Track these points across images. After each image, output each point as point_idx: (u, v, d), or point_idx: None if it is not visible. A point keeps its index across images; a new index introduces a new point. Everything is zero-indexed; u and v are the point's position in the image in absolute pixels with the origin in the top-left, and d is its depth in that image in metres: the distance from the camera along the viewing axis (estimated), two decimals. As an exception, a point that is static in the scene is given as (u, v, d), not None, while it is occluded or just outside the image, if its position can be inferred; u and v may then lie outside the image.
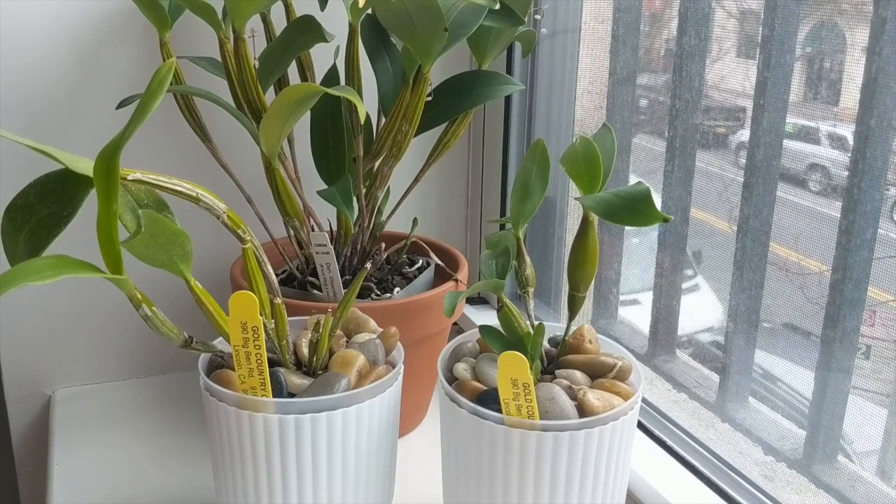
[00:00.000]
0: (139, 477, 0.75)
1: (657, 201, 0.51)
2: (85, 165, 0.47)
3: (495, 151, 0.96)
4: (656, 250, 0.80)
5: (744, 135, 0.70)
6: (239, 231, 0.54)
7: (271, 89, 0.71)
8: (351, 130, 0.74)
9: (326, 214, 0.78)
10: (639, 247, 0.89)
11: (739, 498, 0.65)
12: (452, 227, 1.04)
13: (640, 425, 0.74)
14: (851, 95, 0.59)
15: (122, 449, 0.79)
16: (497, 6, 0.64)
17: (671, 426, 0.74)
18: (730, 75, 0.73)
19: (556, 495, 0.54)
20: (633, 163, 0.84)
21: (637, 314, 0.88)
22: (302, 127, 0.73)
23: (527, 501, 0.55)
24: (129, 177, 0.48)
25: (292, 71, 0.76)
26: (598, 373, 0.58)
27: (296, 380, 0.58)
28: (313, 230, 0.75)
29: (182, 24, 0.75)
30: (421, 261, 0.84)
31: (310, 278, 0.77)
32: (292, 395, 0.57)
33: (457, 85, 0.73)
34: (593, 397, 0.54)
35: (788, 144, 0.66)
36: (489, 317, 0.97)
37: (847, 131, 0.61)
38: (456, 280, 0.79)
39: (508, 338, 0.59)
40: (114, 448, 0.80)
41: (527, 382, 0.52)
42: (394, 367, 0.61)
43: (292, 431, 0.55)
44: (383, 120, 0.74)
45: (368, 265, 0.62)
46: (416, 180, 0.79)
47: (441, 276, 0.83)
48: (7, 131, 0.48)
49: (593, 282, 0.61)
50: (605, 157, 0.57)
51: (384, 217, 0.80)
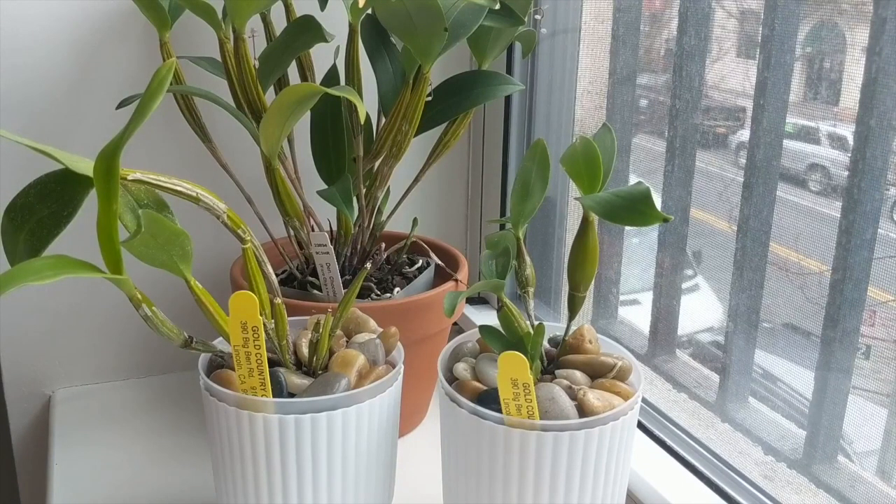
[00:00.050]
0: (139, 477, 0.75)
1: (657, 201, 0.51)
2: (85, 165, 0.47)
3: (495, 151, 0.96)
4: (656, 250, 0.80)
5: (744, 135, 0.70)
6: (239, 231, 0.54)
7: (271, 89, 0.71)
8: (351, 130, 0.74)
9: (326, 214, 0.78)
10: (639, 247, 0.89)
11: (739, 498, 0.65)
12: (452, 227, 1.04)
13: (640, 425, 0.74)
14: (851, 95, 0.59)
15: (122, 449, 0.79)
16: (497, 6, 0.64)
17: (671, 426, 0.74)
18: (730, 75, 0.73)
19: (556, 495, 0.54)
20: (633, 163, 0.84)
21: (637, 314, 0.88)
22: (302, 127, 0.73)
23: (527, 501, 0.55)
24: (129, 177, 0.48)
25: (292, 71, 0.76)
26: (598, 373, 0.58)
27: (296, 380, 0.58)
28: (313, 230, 0.75)
29: (182, 24, 0.75)
30: (421, 261, 0.84)
31: (310, 278, 0.77)
32: (292, 395, 0.57)
33: (457, 85, 0.73)
34: (593, 397, 0.54)
35: (788, 144, 0.66)
36: (489, 317, 0.97)
37: (847, 131, 0.61)
38: (456, 280, 0.79)
39: (508, 338, 0.59)
40: (114, 448, 0.80)
41: (527, 382, 0.52)
42: (394, 367, 0.61)
43: (292, 431, 0.55)
44: (383, 120, 0.74)
45: (368, 265, 0.62)
46: (416, 180, 0.79)
47: (441, 276, 0.83)
48: (7, 131, 0.48)
49: (593, 282, 0.61)
50: (605, 157, 0.57)
51: (384, 217, 0.80)
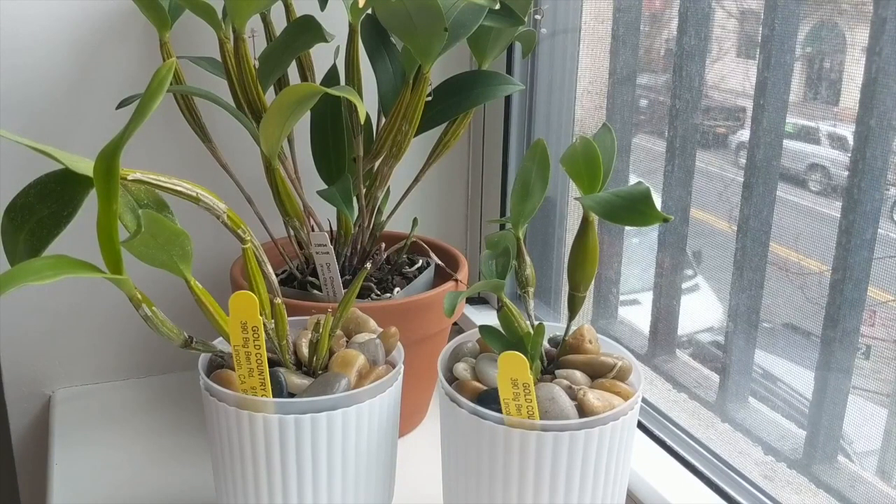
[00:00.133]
0: (139, 477, 0.75)
1: (657, 201, 0.51)
2: (85, 165, 0.47)
3: (495, 151, 0.96)
4: (656, 250, 0.80)
5: (744, 135, 0.70)
6: (239, 231, 0.54)
7: (271, 89, 0.71)
8: (351, 130, 0.74)
9: (326, 214, 0.78)
10: (639, 247, 0.89)
11: (739, 498, 0.65)
12: (452, 227, 1.04)
13: (640, 425, 0.74)
14: (851, 95, 0.59)
15: (122, 449, 0.79)
16: (497, 6, 0.64)
17: (671, 426, 0.74)
18: (730, 75, 0.73)
19: (556, 495, 0.54)
20: (633, 163, 0.84)
21: (637, 314, 0.88)
22: (302, 127, 0.73)
23: (527, 501, 0.55)
24: (129, 177, 0.48)
25: (292, 71, 0.76)
26: (598, 373, 0.58)
27: (296, 380, 0.58)
28: (313, 230, 0.75)
29: (182, 24, 0.75)
30: (421, 261, 0.84)
31: (310, 278, 0.77)
32: (292, 395, 0.57)
33: (457, 85, 0.73)
34: (593, 397, 0.54)
35: (788, 144, 0.66)
36: (489, 317, 0.97)
37: (847, 131, 0.61)
38: (456, 280, 0.79)
39: (508, 338, 0.59)
40: (114, 448, 0.80)
41: (527, 382, 0.52)
42: (394, 367, 0.61)
43: (292, 431, 0.55)
44: (383, 120, 0.74)
45: (368, 265, 0.62)
46: (416, 180, 0.79)
47: (441, 276, 0.83)
48: (7, 131, 0.48)
49: (593, 282, 0.61)
50: (605, 157, 0.57)
51: (384, 217, 0.80)
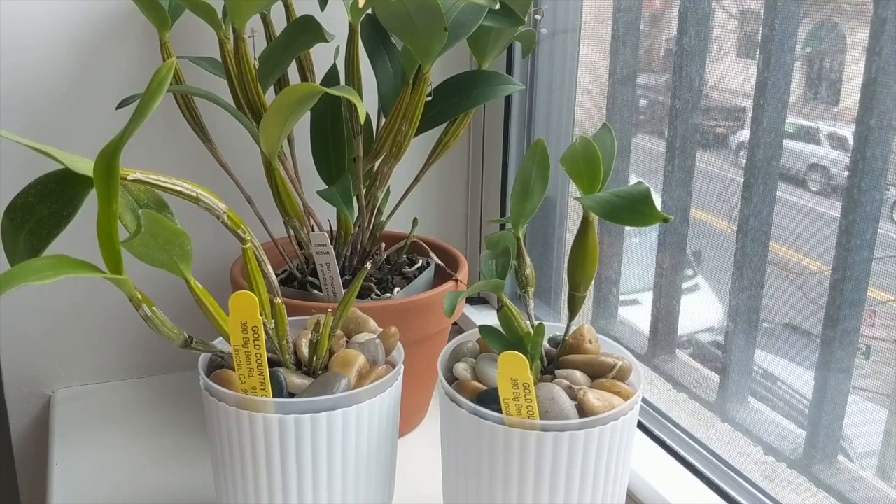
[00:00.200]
0: (139, 477, 0.75)
1: (657, 201, 0.51)
2: (85, 165, 0.47)
3: (495, 151, 0.96)
4: (656, 250, 0.80)
5: (744, 135, 0.70)
6: (239, 231, 0.54)
7: (271, 89, 0.71)
8: (351, 130, 0.74)
9: (326, 214, 0.78)
10: (639, 247, 0.89)
11: (739, 498, 0.65)
12: (452, 227, 1.04)
13: (640, 425, 0.74)
14: (851, 95, 0.59)
15: (122, 449, 0.79)
16: (497, 6, 0.64)
17: (671, 426, 0.74)
18: (730, 75, 0.73)
19: (556, 495, 0.54)
20: (633, 163, 0.84)
21: (637, 314, 0.88)
22: (302, 127, 0.73)
23: (527, 501, 0.55)
24: (129, 177, 0.48)
25: (292, 71, 0.76)
26: (598, 373, 0.58)
27: (296, 380, 0.58)
28: (313, 230, 0.75)
29: (182, 24, 0.75)
30: (421, 261, 0.84)
31: (310, 278, 0.77)
32: (292, 395, 0.57)
33: (457, 85, 0.73)
34: (593, 397, 0.54)
35: (788, 144, 0.66)
36: (489, 317, 0.97)
37: (847, 131, 0.61)
38: (456, 280, 0.79)
39: (508, 338, 0.59)
40: (114, 448, 0.80)
41: (527, 382, 0.52)
42: (394, 367, 0.61)
43: (292, 431, 0.55)
44: (383, 120, 0.74)
45: (368, 265, 0.62)
46: (416, 180, 0.79)
47: (441, 276, 0.83)
48: (7, 131, 0.48)
49: (593, 282, 0.61)
50: (605, 157, 0.57)
51: (384, 217, 0.80)
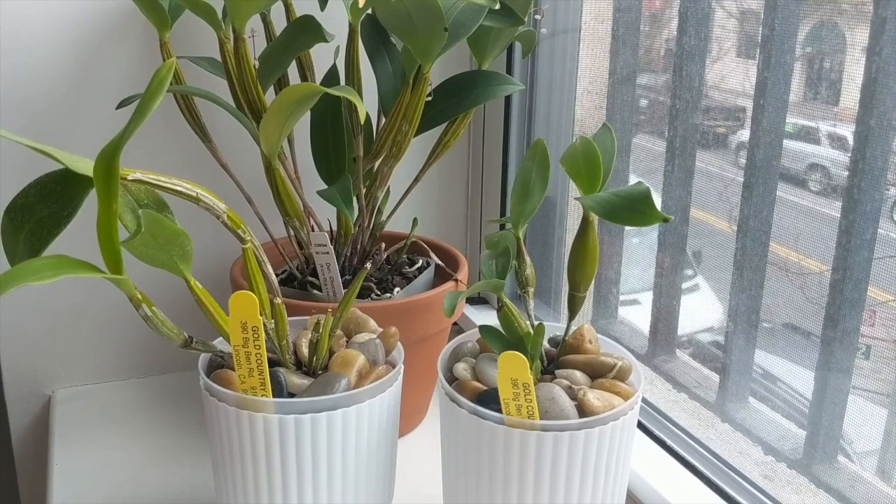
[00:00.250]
0: (139, 477, 0.75)
1: (657, 201, 0.51)
2: (85, 165, 0.47)
3: (495, 151, 0.96)
4: (656, 250, 0.80)
5: (744, 135, 0.70)
6: (239, 231, 0.54)
7: (271, 89, 0.71)
8: (351, 130, 0.74)
9: (326, 214, 0.78)
10: (639, 247, 0.89)
11: (739, 498, 0.65)
12: (452, 227, 1.04)
13: (640, 425, 0.74)
14: (851, 95, 0.59)
15: (122, 449, 0.79)
16: (497, 6, 0.64)
17: (671, 426, 0.74)
18: (730, 75, 0.73)
19: (556, 495, 0.54)
20: (633, 163, 0.84)
21: (637, 314, 0.88)
22: (302, 127, 0.73)
23: (527, 501, 0.55)
24: (129, 177, 0.48)
25: (292, 71, 0.76)
26: (598, 373, 0.58)
27: (296, 380, 0.58)
28: (313, 230, 0.75)
29: (182, 24, 0.75)
30: (421, 261, 0.84)
31: (310, 278, 0.77)
32: (292, 395, 0.57)
33: (457, 85, 0.73)
34: (593, 397, 0.54)
35: (788, 144, 0.66)
36: (489, 317, 0.97)
37: (847, 131, 0.61)
38: (456, 280, 0.79)
39: (508, 338, 0.59)
40: (114, 448, 0.80)
41: (527, 382, 0.52)
42: (394, 367, 0.61)
43: (292, 431, 0.55)
44: (383, 120, 0.74)
45: (368, 265, 0.62)
46: (416, 180, 0.79)
47: (441, 276, 0.83)
48: (7, 131, 0.48)
49: (593, 282, 0.61)
50: (605, 157, 0.57)
51: (384, 217, 0.80)
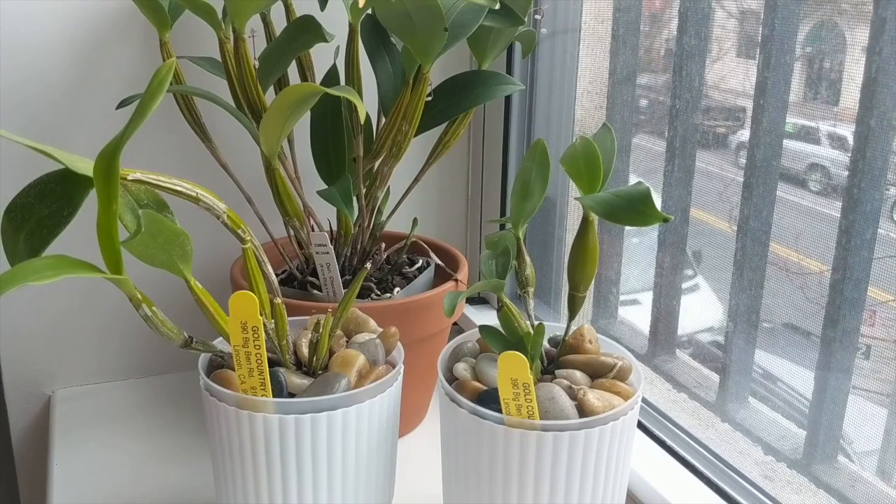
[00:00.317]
0: (139, 477, 0.75)
1: (657, 201, 0.51)
2: (85, 165, 0.47)
3: (495, 151, 0.96)
4: (656, 250, 0.80)
5: (744, 135, 0.70)
6: (239, 231, 0.54)
7: (271, 89, 0.71)
8: (351, 130, 0.74)
9: (326, 214, 0.78)
10: (639, 247, 0.89)
11: (739, 498, 0.65)
12: (452, 227, 1.04)
13: (640, 425, 0.74)
14: (851, 95, 0.59)
15: (122, 449, 0.79)
16: (497, 6, 0.64)
17: (671, 426, 0.74)
18: (730, 75, 0.73)
19: (556, 495, 0.54)
20: (633, 163, 0.84)
21: (637, 314, 0.88)
22: (302, 127, 0.73)
23: (527, 501, 0.55)
24: (129, 177, 0.48)
25: (292, 71, 0.76)
26: (598, 373, 0.58)
27: (296, 380, 0.58)
28: (313, 230, 0.75)
29: (182, 24, 0.75)
30: (421, 261, 0.84)
31: (310, 278, 0.77)
32: (292, 395, 0.57)
33: (457, 85, 0.73)
34: (593, 397, 0.54)
35: (788, 144, 0.66)
36: (489, 317, 0.97)
37: (847, 131, 0.61)
38: (456, 280, 0.79)
39: (508, 338, 0.59)
40: (114, 448, 0.80)
41: (527, 382, 0.52)
42: (394, 367, 0.61)
43: (292, 431, 0.55)
44: (383, 120, 0.74)
45: (368, 265, 0.62)
46: (416, 180, 0.79)
47: (441, 276, 0.83)
48: (7, 131, 0.48)
49: (593, 282, 0.61)
50: (605, 157, 0.57)
51: (384, 217, 0.80)
